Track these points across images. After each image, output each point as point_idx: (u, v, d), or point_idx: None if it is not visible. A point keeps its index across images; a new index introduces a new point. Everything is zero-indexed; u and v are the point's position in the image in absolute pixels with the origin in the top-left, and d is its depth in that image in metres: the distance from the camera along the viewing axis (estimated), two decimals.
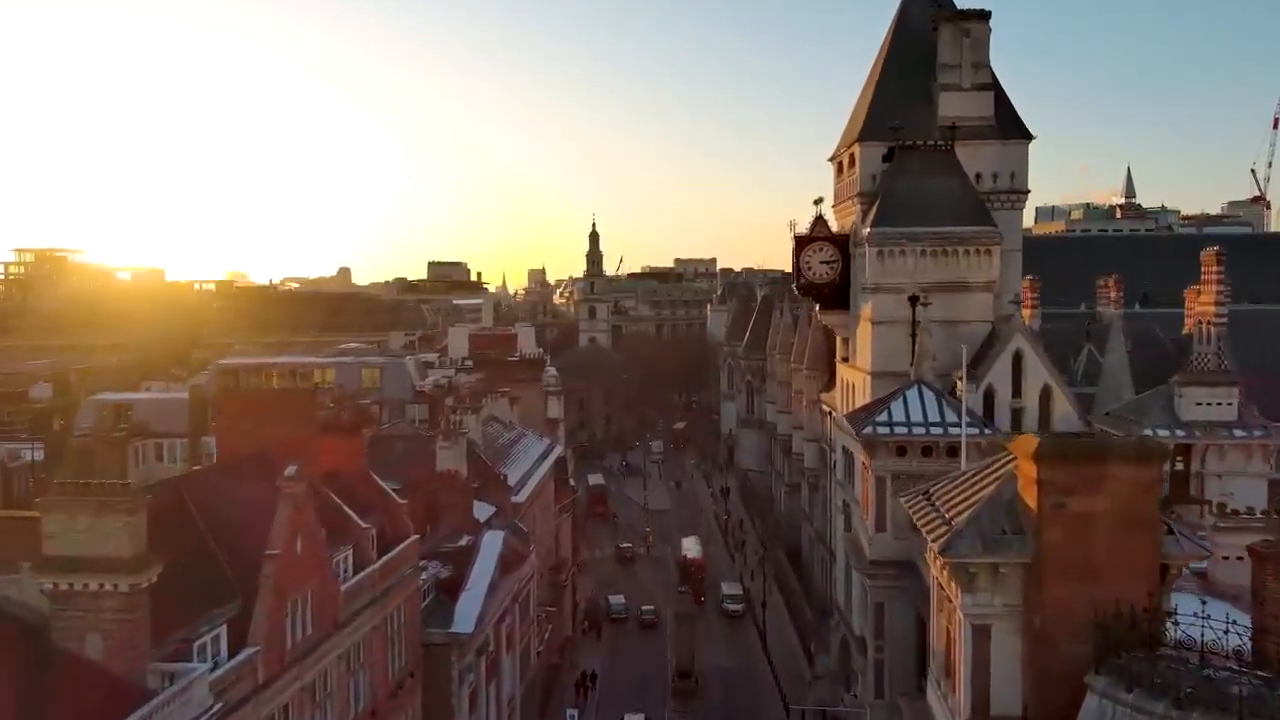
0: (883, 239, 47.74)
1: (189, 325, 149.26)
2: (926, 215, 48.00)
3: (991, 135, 50.16)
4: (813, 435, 75.03)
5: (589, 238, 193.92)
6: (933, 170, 48.97)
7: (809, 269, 52.92)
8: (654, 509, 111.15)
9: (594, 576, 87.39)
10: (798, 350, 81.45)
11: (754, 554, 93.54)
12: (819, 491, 75.27)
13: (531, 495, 54.36)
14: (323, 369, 74.26)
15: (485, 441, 55.47)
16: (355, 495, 31.78)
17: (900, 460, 35.41)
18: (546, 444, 64.65)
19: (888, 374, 48.03)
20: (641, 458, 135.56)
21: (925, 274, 47.83)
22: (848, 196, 52.91)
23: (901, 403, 36.20)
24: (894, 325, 48.16)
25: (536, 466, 58.70)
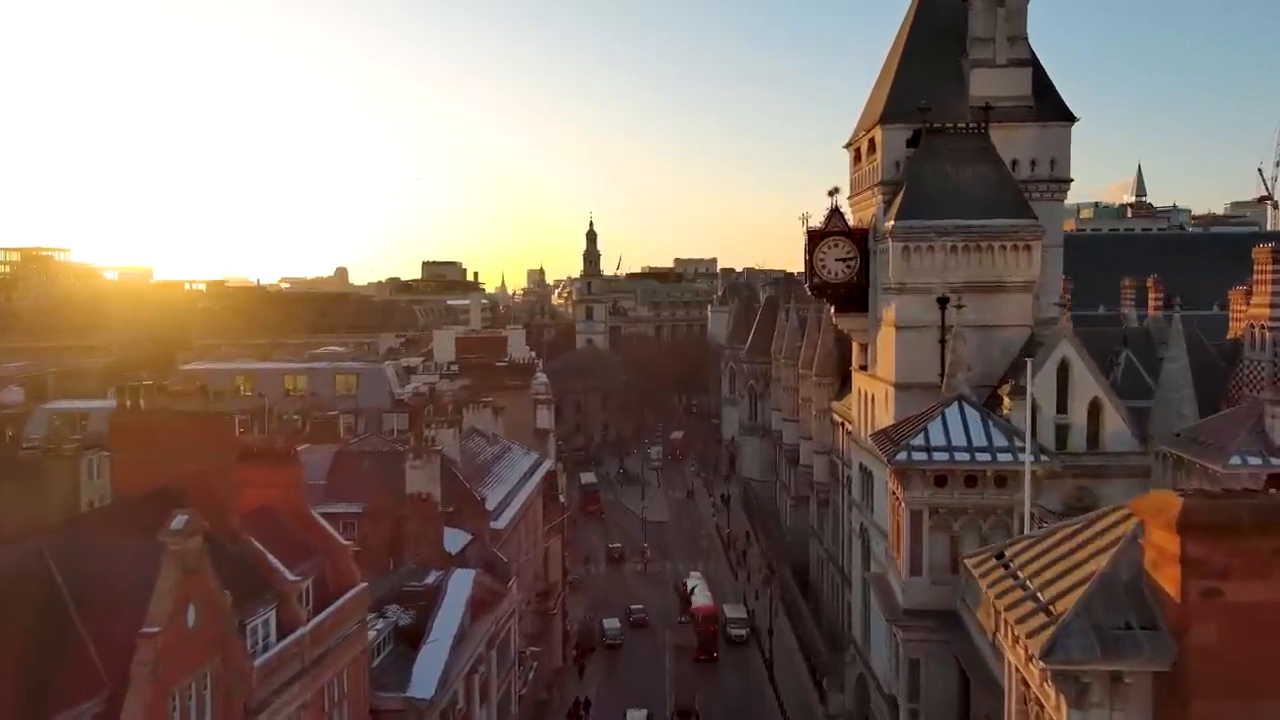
0: (908, 233, 42.34)
1: (175, 326, 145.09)
2: (957, 206, 42.62)
3: (1029, 117, 44.78)
4: (823, 447, 69.61)
5: (586, 236, 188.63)
6: (964, 156, 43.57)
7: (823, 267, 47.53)
8: (652, 519, 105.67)
9: (586, 589, 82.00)
10: (806, 355, 76.02)
11: (758, 571, 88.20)
12: (829, 508, 69.91)
13: (515, 518, 48.97)
14: (295, 375, 68.81)
15: (464, 458, 50.05)
16: (287, 538, 26.38)
17: (939, 492, 30.03)
18: (534, 458, 59.24)
19: (913, 386, 42.72)
20: (640, 464, 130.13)
21: (956, 273, 42.45)
22: (867, 186, 47.49)
23: (940, 423, 30.80)
24: (921, 330, 42.78)
25: (522, 484, 53.29)
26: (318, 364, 70.45)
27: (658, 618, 77.23)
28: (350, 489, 46.31)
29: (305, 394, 67.12)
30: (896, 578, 31.76)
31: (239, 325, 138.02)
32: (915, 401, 42.51)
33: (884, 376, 44.79)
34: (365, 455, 48.49)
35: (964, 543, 29.98)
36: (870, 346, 47.96)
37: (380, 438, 55.43)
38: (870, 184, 46.78)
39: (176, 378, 69.38)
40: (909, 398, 42.74)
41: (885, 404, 44.53)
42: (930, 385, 42.41)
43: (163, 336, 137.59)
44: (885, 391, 44.54)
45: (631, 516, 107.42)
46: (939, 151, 43.73)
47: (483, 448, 54.33)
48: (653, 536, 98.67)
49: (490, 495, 47.56)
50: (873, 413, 47.38)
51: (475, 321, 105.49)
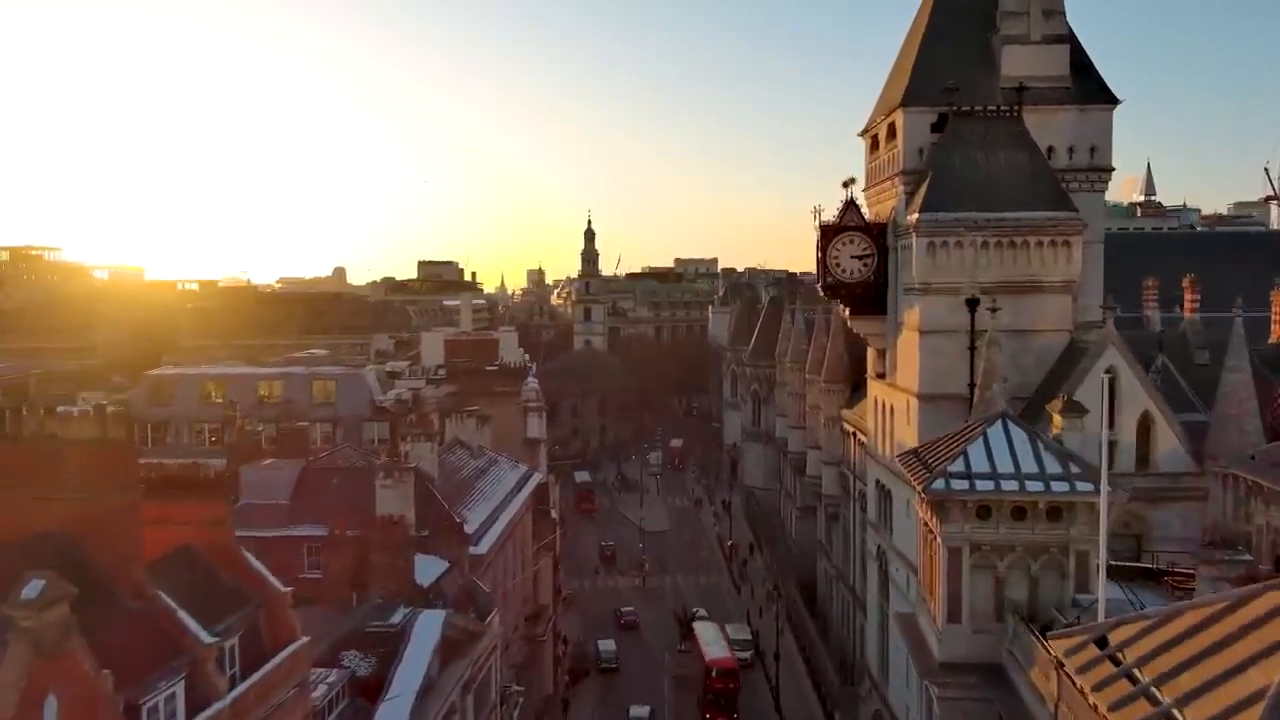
0: (934, 227, 38.07)
1: (163, 327, 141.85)
2: (989, 197, 38.36)
3: (1067, 99, 40.48)
4: (832, 458, 65.35)
5: (584, 235, 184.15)
6: (996, 141, 39.31)
7: (837, 265, 43.24)
8: (651, 529, 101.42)
9: (581, 604, 77.74)
10: (814, 359, 71.72)
11: (761, 584, 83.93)
12: (838, 522, 65.67)
13: (499, 540, 44.66)
14: (269, 381, 64.50)
15: (444, 474, 45.75)
16: (211, 587, 22.08)
17: (982, 526, 25.68)
18: (523, 471, 54.89)
19: (939, 397, 38.50)
20: (639, 469, 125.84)
21: (987, 271, 38.19)
22: (886, 176, 43.21)
23: (981, 446, 26.44)
24: (948, 335, 38.52)
25: (508, 501, 48.96)
26: (293, 369, 66.11)
27: (654, 634, 73.10)
28: (316, 509, 41.98)
29: (280, 401, 62.81)
30: (931, 624, 27.43)
31: (229, 326, 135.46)
32: (941, 414, 38.31)
33: (905, 386, 40.49)
34: (334, 471, 44.19)
35: (1010, 585, 25.69)
36: (889, 352, 43.67)
37: (356, 449, 51.07)
38: (890, 173, 42.49)
39: (143, 384, 65.25)
40: (934, 410, 38.52)
41: (907, 416, 40.24)
42: (957, 397, 38.22)
43: (150, 337, 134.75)
44: (906, 402, 40.25)
45: (629, 526, 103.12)
46: (967, 137, 39.48)
47: (465, 461, 50.00)
48: (651, 547, 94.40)
49: (472, 516, 43.23)
50: (891, 425, 43.11)
51: (466, 323, 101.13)
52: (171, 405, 63.05)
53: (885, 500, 44.63)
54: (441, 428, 47.82)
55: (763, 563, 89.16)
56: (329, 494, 42.89)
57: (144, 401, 63.28)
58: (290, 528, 41.51)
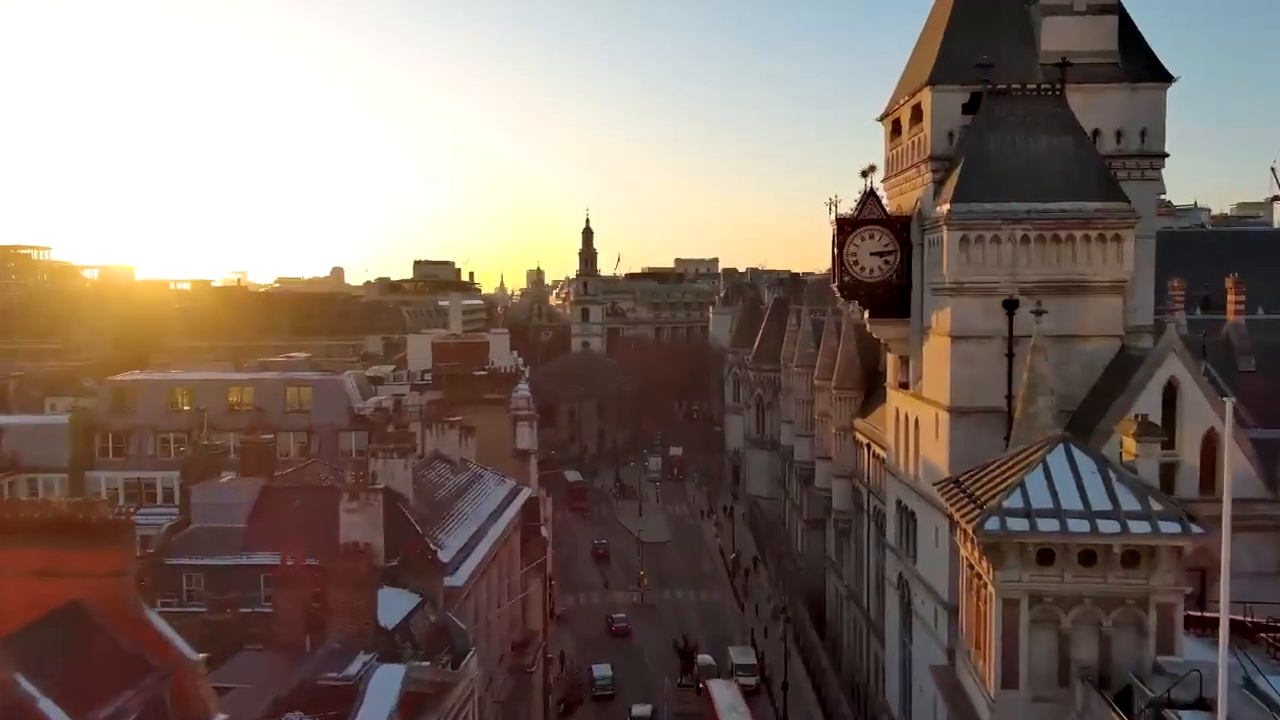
0: (968, 219, 33.80)
1: (151, 327, 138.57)
2: (1029, 186, 34.09)
3: (1115, 76, 36.20)
4: (843, 470, 61.07)
5: (582, 234, 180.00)
6: (1036, 123, 35.02)
7: (855, 262, 38.94)
8: (650, 539, 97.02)
9: (574, 623, 73.43)
10: (823, 365, 67.39)
11: (765, 601, 79.67)
12: (850, 539, 61.38)
13: (480, 567, 40.35)
14: (240, 387, 60.21)
15: (421, 492, 41.47)
16: (103, 655, 17.80)
17: (1044, 573, 21.41)
18: (510, 487, 50.56)
19: (972, 411, 34.23)
20: (638, 476, 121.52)
21: (1028, 269, 33.92)
22: (910, 164, 38.92)
23: (1041, 475, 22.15)
24: (983, 342, 34.24)
25: (493, 522, 44.65)
26: (266, 374, 61.82)
27: (653, 653, 68.89)
28: (276, 535, 37.73)
29: (251, 409, 58.54)
30: (979, 686, 23.12)
31: (218, 327, 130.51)
32: (974, 431, 34.09)
33: (933, 397, 36.19)
34: (297, 491, 39.99)
35: (1078, 644, 21.41)
36: (913, 360, 39.37)
37: (326, 463, 46.85)
38: (915, 160, 38.20)
39: (105, 390, 60.98)
40: (967, 426, 34.25)
41: (935, 432, 35.94)
42: (993, 411, 33.99)
43: (137, 338, 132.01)
44: (935, 416, 35.94)
45: (627, 537, 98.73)
46: (1004, 118, 35.19)
47: (446, 478, 45.68)
48: (650, 559, 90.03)
49: (449, 541, 38.90)
50: (916, 440, 38.81)
51: (455, 325, 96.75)
52: (135, 413, 58.77)
53: (908, 523, 40.34)
54: (421, 440, 43.19)
55: (767, 577, 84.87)
56: (291, 517, 38.66)
57: (106, 409, 59.03)
58: (245, 555, 37.34)
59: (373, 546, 34.42)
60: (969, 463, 34.04)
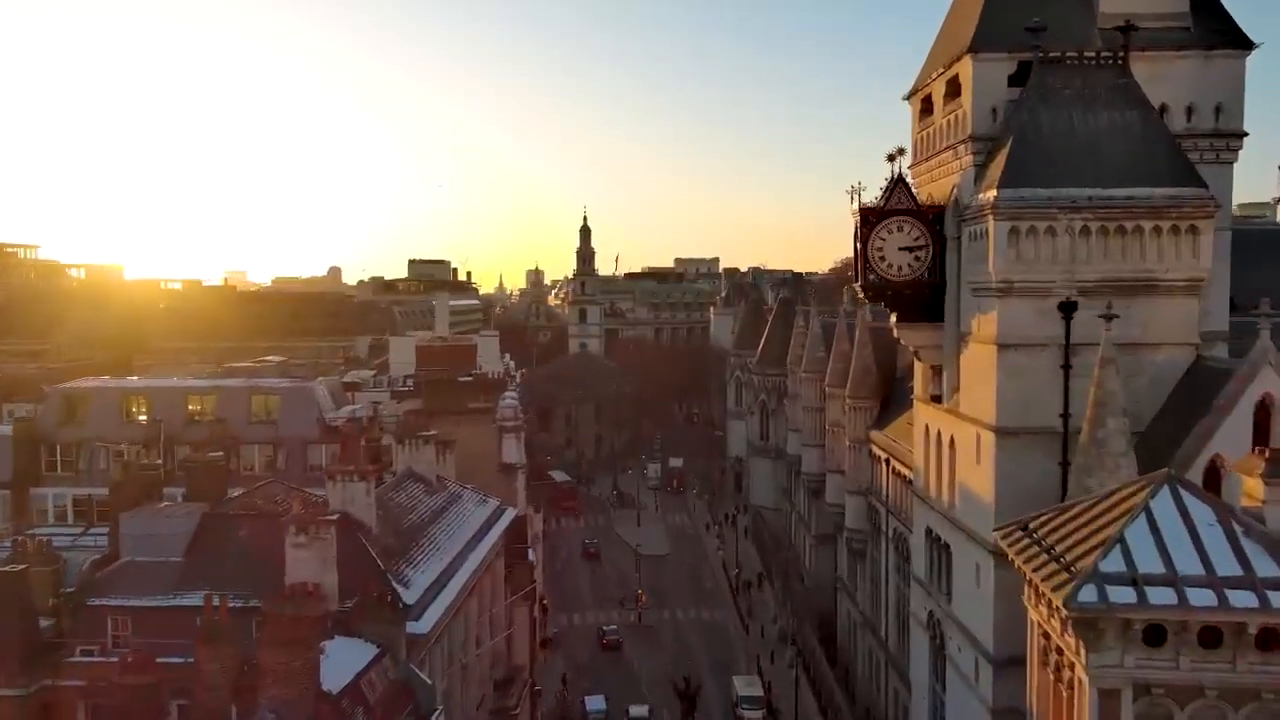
0: (1018, 207, 28.90)
1: (138, 328, 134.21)
2: (1089, 169, 29.21)
3: (1186, 43, 31.30)
4: (858, 486, 56.19)
5: (579, 232, 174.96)
6: (1096, 97, 30.13)
7: (881, 259, 34.03)
8: (649, 553, 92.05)
9: (567, 647, 68.50)
10: (835, 371, 62.56)
11: (771, 622, 74.78)
12: (865, 560, 56.53)
13: (454, 605, 35.42)
14: (201, 396, 55.24)
15: (387, 519, 36.58)
16: None
17: (1153, 656, 16.54)
18: (493, 508, 45.66)
19: (1023, 432, 29.35)
20: (636, 483, 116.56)
21: (1087, 265, 29.04)
22: (945, 146, 34.00)
23: (1145, 526, 17.28)
24: (1034, 351, 29.35)
25: (470, 550, 39.73)
26: (229, 381, 56.76)
27: (652, 681, 64.00)
28: (216, 571, 32.91)
29: (212, 419, 53.60)
30: None
31: (207, 327, 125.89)
32: (1025, 455, 29.24)
33: (974, 414, 31.27)
34: (244, 519, 35.06)
35: None
36: (948, 370, 34.46)
37: (285, 483, 41.86)
38: (951, 141, 33.29)
39: (53, 398, 55.97)
40: (1016, 449, 29.37)
41: (976, 454, 31.04)
42: (1046, 431, 29.13)
43: (122, 339, 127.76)
44: (976, 436, 31.03)
45: (625, 549, 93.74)
46: (1059, 91, 30.31)
47: (418, 500, 40.75)
48: (649, 574, 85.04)
49: (417, 577, 33.97)
50: (951, 463, 33.91)
51: (442, 326, 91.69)
52: (85, 424, 53.80)
53: (941, 556, 35.44)
54: (391, 456, 38.16)
55: (772, 595, 79.93)
56: (235, 550, 33.84)
57: (54, 419, 54.04)
58: (179, 595, 32.43)
59: (324, 588, 29.62)
60: (1017, 492, 29.28)
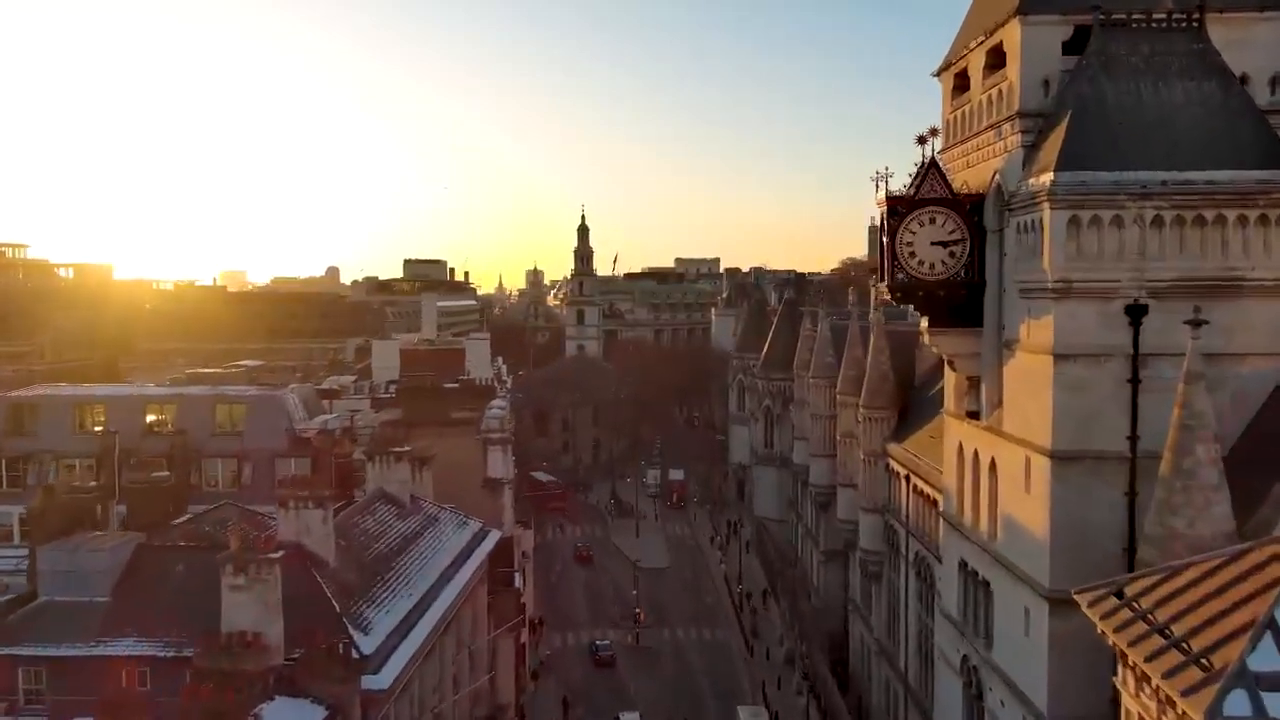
0: (1080, 193, 24.59)
1: (125, 329, 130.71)
2: (1161, 148, 24.90)
3: (1270, 3, 26.96)
4: (873, 504, 51.88)
5: (577, 231, 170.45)
6: (1169, 65, 25.84)
7: (911, 255, 29.73)
8: (648, 566, 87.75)
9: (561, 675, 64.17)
10: (847, 377, 58.26)
11: (778, 643, 70.46)
12: (881, 583, 52.20)
13: (422, 649, 31.11)
14: (161, 404, 50.93)
15: (350, 549, 32.31)
16: None
17: None
18: (474, 530, 41.43)
19: (1085, 456, 25.06)
20: (635, 491, 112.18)
21: (1160, 262, 24.72)
22: (986, 125, 29.67)
23: None
24: (1097, 361, 25.03)
25: (445, 583, 35.44)
26: (192, 389, 52.36)
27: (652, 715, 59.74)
28: (146, 614, 28.65)
29: (173, 430, 49.28)
30: None
31: (197, 328, 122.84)
32: (1086, 484, 24.95)
33: (1022, 435, 26.93)
34: (182, 552, 30.75)
35: None
36: (987, 382, 30.14)
37: (241, 506, 37.61)
38: (994, 120, 28.95)
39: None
40: (1076, 477, 25.04)
41: (1025, 481, 26.71)
42: (1111, 456, 24.85)
43: (108, 340, 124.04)
44: (1024, 461, 26.69)
45: (623, 562, 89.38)
46: (1124, 58, 26.01)
47: (388, 525, 36.47)
48: (648, 589, 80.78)
49: (379, 618, 29.67)
50: (992, 489, 29.58)
51: (430, 328, 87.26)
52: (35, 435, 49.53)
53: (978, 594, 31.12)
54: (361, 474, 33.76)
55: (778, 614, 75.56)
56: (168, 587, 29.57)
57: (1, 430, 49.75)
58: (102, 643, 28.16)
59: (267, 637, 25.38)
60: (1076, 527, 24.98)
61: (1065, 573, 25.03)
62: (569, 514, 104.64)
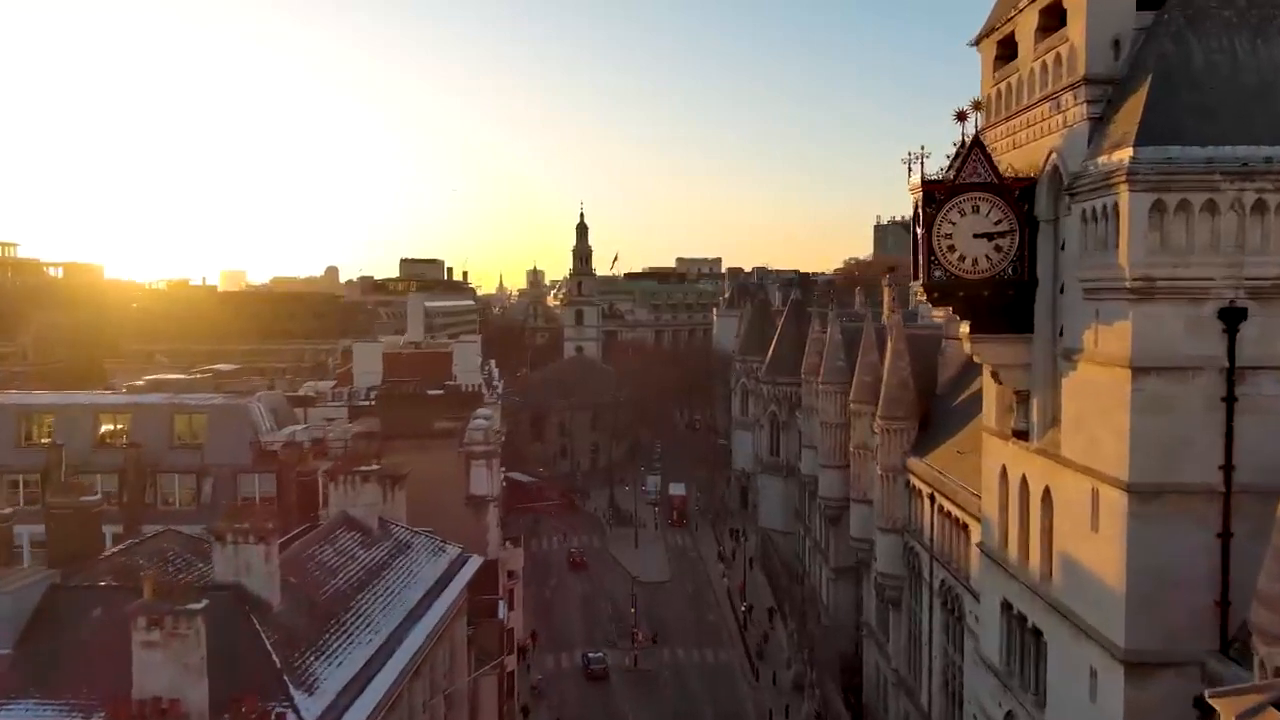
0: (1166, 171, 20.30)
1: (113, 329, 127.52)
2: (1265, 119, 20.64)
3: None
4: (892, 523, 47.64)
5: (576, 229, 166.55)
6: (1270, 19, 21.57)
7: (950, 249, 25.41)
8: (647, 579, 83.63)
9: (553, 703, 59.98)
10: (862, 384, 53.99)
11: (785, 666, 66.28)
12: (900, 610, 47.94)
13: (381, 709, 26.79)
14: (114, 414, 46.72)
15: (302, 589, 28.03)
16: None
17: None
18: (453, 556, 37.09)
19: (1170, 490, 20.81)
20: (634, 499, 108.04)
21: (1264, 256, 20.44)
22: (1040, 96, 25.35)
23: None
24: (1183, 376, 20.73)
25: (413, 623, 31.12)
26: (149, 397, 48.09)
27: None
28: (53, 671, 24.34)
29: (126, 443, 45.09)
30: None
31: (186, 329, 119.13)
32: (1172, 525, 20.69)
33: (1088, 463, 22.63)
34: (100, 594, 26.43)
35: None
36: (1039, 397, 25.83)
37: (186, 535, 33.30)
38: (1051, 89, 24.62)
39: None
40: (1160, 517, 20.73)
41: (1092, 519, 22.38)
42: (1203, 490, 20.55)
43: (94, 341, 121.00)
44: (1092, 494, 22.38)
45: (620, 575, 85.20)
46: (1215, 12, 21.77)
47: (350, 556, 32.16)
48: (647, 605, 76.61)
49: (329, 675, 25.35)
50: (1047, 522, 25.28)
51: (416, 330, 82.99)
52: None
53: (1027, 643, 26.81)
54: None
55: (785, 634, 71.32)
56: (83, 638, 25.25)
57: None
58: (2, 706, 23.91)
59: (187, 703, 21.13)
60: (1158, 575, 20.60)
61: (1144, 630, 20.85)
62: (553, 511, 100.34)
